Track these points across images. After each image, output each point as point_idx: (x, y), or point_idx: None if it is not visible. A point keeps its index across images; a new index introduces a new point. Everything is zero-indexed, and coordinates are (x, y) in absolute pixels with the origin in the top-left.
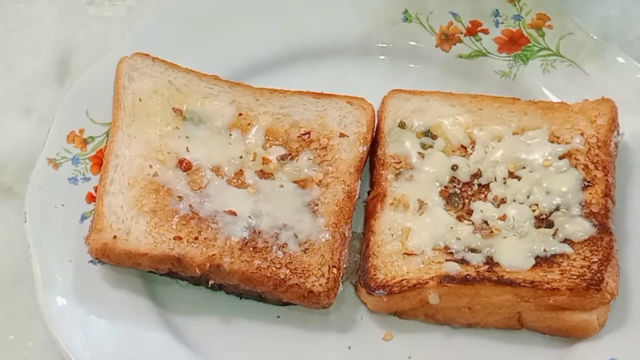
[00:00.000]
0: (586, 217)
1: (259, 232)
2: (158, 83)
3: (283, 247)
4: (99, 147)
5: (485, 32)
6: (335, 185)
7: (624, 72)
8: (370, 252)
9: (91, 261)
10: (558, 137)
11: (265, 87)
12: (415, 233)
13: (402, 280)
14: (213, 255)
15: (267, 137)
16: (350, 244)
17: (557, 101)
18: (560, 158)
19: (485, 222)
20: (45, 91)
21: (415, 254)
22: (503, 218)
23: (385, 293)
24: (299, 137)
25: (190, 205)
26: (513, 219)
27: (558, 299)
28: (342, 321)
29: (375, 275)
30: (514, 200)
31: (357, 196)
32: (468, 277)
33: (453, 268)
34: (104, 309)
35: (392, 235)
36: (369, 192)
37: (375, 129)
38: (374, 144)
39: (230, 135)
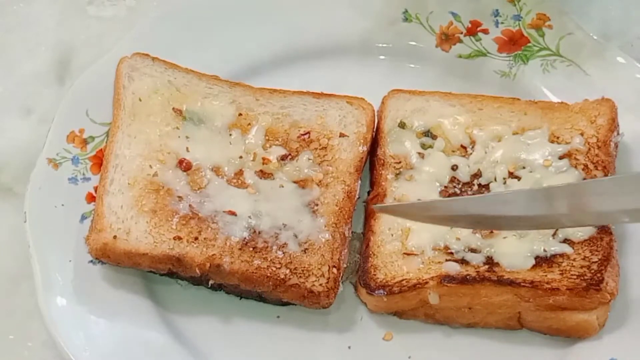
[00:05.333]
0: None
1: (259, 232)
2: (158, 83)
3: (283, 247)
4: (99, 147)
5: (485, 32)
6: (335, 185)
7: (624, 72)
8: (370, 252)
9: (91, 261)
10: (558, 137)
11: (265, 87)
12: (415, 233)
13: (402, 280)
14: (213, 255)
15: (267, 137)
16: (350, 244)
17: (557, 101)
18: (560, 158)
19: None
20: (45, 91)
21: (415, 254)
22: None
23: (385, 293)
24: (299, 137)
25: (190, 205)
26: None
27: (558, 299)
28: (342, 321)
29: (375, 275)
30: None
31: (357, 196)
32: (468, 277)
33: (453, 268)
34: (104, 309)
35: (392, 235)
36: (369, 192)
37: (375, 129)
38: (374, 144)
39: (230, 135)
